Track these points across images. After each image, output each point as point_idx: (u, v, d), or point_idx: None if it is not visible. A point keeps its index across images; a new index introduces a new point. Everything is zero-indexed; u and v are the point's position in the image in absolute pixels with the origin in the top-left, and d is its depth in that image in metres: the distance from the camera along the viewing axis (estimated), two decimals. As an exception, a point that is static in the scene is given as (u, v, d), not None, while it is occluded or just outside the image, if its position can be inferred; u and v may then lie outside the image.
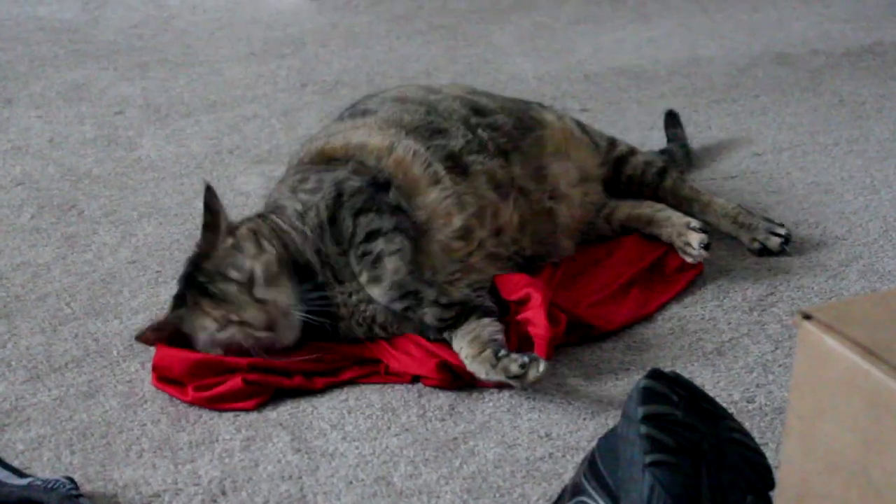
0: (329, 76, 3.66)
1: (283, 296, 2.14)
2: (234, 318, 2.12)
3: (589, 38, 3.99)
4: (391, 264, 2.14)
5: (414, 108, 2.48)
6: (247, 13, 4.30)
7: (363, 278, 2.16)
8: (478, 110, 2.51)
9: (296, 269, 2.19)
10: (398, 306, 2.14)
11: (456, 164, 2.34)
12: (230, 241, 2.20)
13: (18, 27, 4.14)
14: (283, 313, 2.13)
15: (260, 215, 2.30)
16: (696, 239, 2.42)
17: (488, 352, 2.07)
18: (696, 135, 3.15)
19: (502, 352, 2.06)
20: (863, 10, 4.21)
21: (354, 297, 2.19)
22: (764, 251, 2.51)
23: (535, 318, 2.12)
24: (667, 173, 2.66)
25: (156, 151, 3.11)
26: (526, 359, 2.03)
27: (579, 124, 2.68)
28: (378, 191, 2.23)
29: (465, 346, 2.10)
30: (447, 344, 2.14)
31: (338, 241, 2.19)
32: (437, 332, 2.15)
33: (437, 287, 2.15)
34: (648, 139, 3.10)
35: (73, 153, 3.10)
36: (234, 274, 2.14)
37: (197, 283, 2.16)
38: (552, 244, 2.46)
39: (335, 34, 4.07)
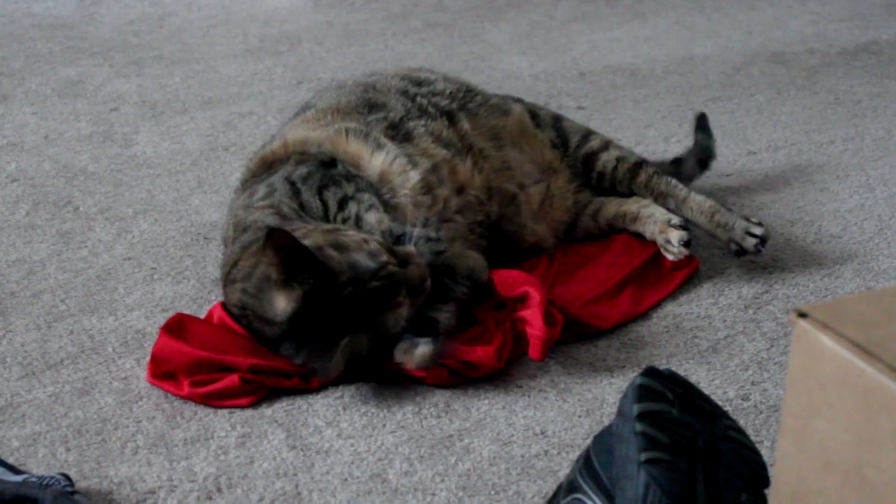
0: (325, 73, 3.66)
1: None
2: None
3: (584, 36, 3.99)
4: (372, 217, 2.17)
5: (350, 89, 2.52)
6: (243, 10, 4.29)
7: None
8: (417, 82, 2.56)
9: None
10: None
11: (398, 133, 2.39)
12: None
13: (13, 24, 4.13)
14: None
15: (237, 244, 2.22)
16: (675, 236, 2.40)
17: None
18: (691, 133, 3.14)
19: (407, 334, 2.08)
20: (858, 9, 4.22)
21: None
22: (741, 253, 2.46)
23: (532, 319, 2.12)
24: (640, 169, 2.59)
25: (151, 148, 3.11)
26: (410, 344, 2.06)
27: (556, 119, 2.66)
28: (326, 168, 2.27)
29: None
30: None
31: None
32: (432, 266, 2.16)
33: (421, 228, 2.18)
34: (644, 137, 3.10)
35: (68, 150, 3.09)
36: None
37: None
38: (520, 225, 2.46)
39: (331, 32, 4.07)
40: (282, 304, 2.05)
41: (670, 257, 2.42)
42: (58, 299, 2.40)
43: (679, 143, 3.09)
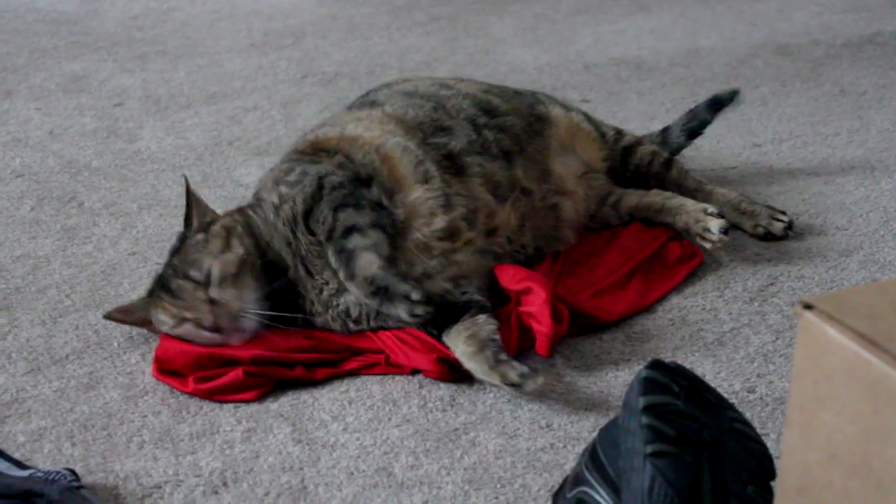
0: (329, 67, 3.66)
1: (238, 298, 2.15)
2: (187, 315, 2.15)
3: (589, 28, 3.99)
4: (363, 259, 2.12)
5: (421, 102, 2.46)
6: (247, 4, 4.29)
7: (341, 275, 2.15)
8: (488, 110, 2.49)
9: (267, 265, 2.20)
10: (371, 302, 2.12)
11: (452, 164, 2.33)
12: (200, 236, 2.22)
13: (18, 19, 4.13)
14: (232, 316, 2.14)
15: (241, 209, 2.31)
16: (716, 225, 2.42)
17: (488, 352, 2.05)
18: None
19: (503, 356, 2.05)
20: (863, 1, 4.21)
21: (326, 292, 2.19)
22: (768, 236, 2.53)
23: (540, 315, 2.12)
24: (672, 164, 2.68)
25: (155, 143, 3.11)
26: (526, 369, 2.02)
27: (587, 116, 2.68)
28: (359, 186, 2.22)
29: (462, 343, 2.09)
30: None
31: (313, 234, 2.19)
32: (418, 327, 2.15)
33: (410, 283, 2.11)
34: (649, 130, 3.09)
35: (72, 145, 3.09)
36: (192, 272, 2.17)
37: (162, 276, 2.21)
38: (554, 237, 2.46)
39: (335, 25, 4.06)
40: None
41: (708, 246, 2.43)
42: (63, 294, 2.40)
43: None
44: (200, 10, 4.24)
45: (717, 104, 2.88)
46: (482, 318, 2.13)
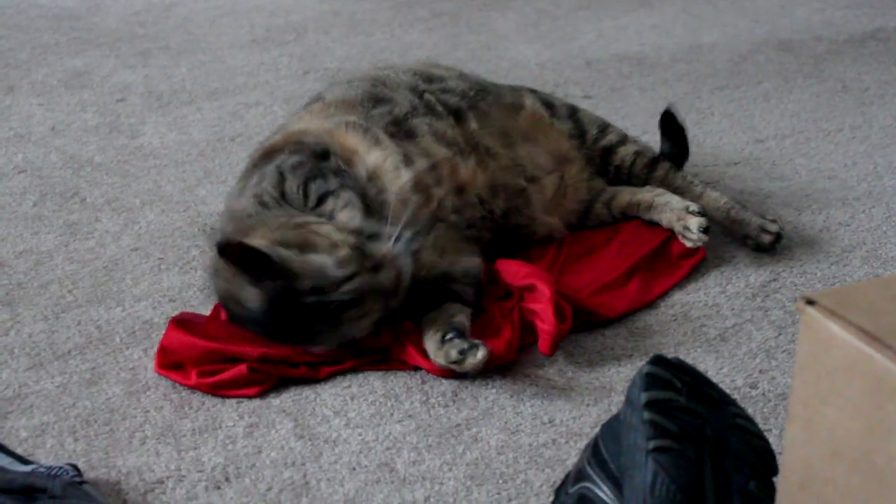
0: (331, 63, 3.66)
1: None
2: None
3: (591, 24, 3.99)
4: (344, 216, 2.16)
5: (358, 84, 2.51)
6: (249, 0, 4.29)
7: None
8: (429, 78, 2.54)
9: None
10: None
11: (399, 129, 2.37)
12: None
13: (20, 15, 4.13)
14: None
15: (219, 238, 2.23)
16: (695, 223, 2.41)
17: (438, 334, 2.09)
18: (699, 121, 3.15)
19: (449, 335, 2.08)
20: (866, -4, 4.21)
21: None
22: (757, 248, 2.48)
23: (544, 314, 2.12)
24: (657, 164, 2.63)
25: (158, 139, 3.11)
26: (465, 345, 2.05)
27: (571, 112, 2.66)
28: (318, 160, 2.26)
29: (426, 330, 2.13)
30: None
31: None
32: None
33: (394, 225, 2.15)
34: (651, 126, 3.09)
35: (74, 141, 3.09)
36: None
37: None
38: (530, 218, 2.46)
39: (337, 21, 4.06)
40: (252, 297, 2.07)
41: (689, 244, 2.42)
42: (65, 290, 2.40)
43: (686, 131, 3.08)
44: (203, 6, 4.24)
45: (668, 121, 2.77)
46: (448, 304, 2.17)
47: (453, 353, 2.05)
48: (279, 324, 2.08)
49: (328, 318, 2.06)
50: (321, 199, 2.19)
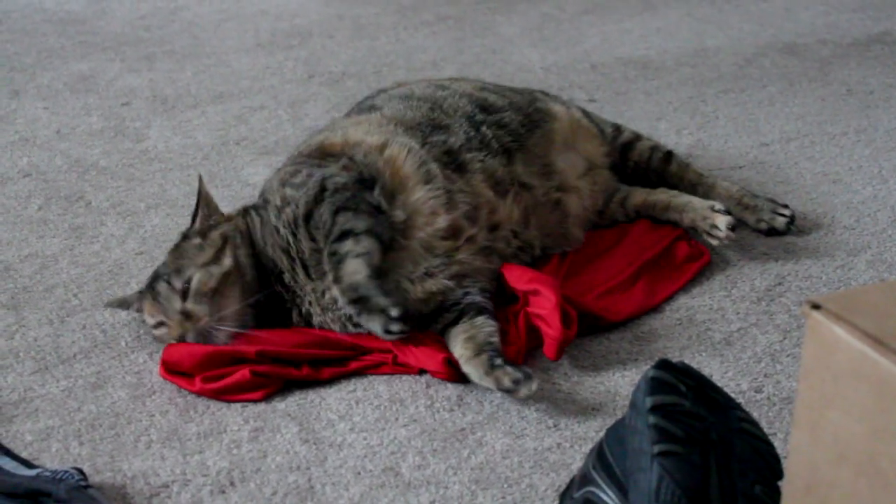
0: (336, 67, 3.66)
1: (211, 313, 2.15)
2: (163, 319, 2.17)
3: (596, 28, 3.99)
4: (351, 266, 2.13)
5: (417, 104, 2.48)
6: (254, 4, 4.29)
7: (329, 277, 2.15)
8: (485, 108, 2.50)
9: (260, 272, 2.23)
10: (350, 310, 2.12)
11: (452, 161, 2.34)
12: (196, 241, 2.23)
13: (25, 19, 4.14)
14: (200, 330, 2.15)
15: (246, 210, 2.32)
16: (723, 221, 2.42)
17: (484, 356, 2.06)
18: (704, 125, 3.15)
19: (498, 360, 2.05)
20: (871, 0, 4.20)
21: (328, 295, 2.18)
22: (771, 231, 2.53)
23: (550, 319, 2.12)
24: (672, 158, 2.69)
25: (163, 143, 3.11)
26: (520, 375, 2.02)
27: (585, 113, 2.68)
28: (362, 188, 2.22)
29: (460, 346, 2.10)
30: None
31: (313, 238, 2.19)
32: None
33: (392, 299, 2.10)
34: (656, 129, 3.09)
35: (80, 144, 3.10)
36: (175, 280, 2.18)
37: (155, 273, 2.23)
38: (561, 235, 2.46)
39: (342, 25, 4.07)
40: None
41: (715, 242, 2.44)
42: (70, 294, 2.41)
43: (691, 135, 3.09)
44: (208, 10, 4.24)
45: None
46: (480, 319, 2.14)
47: (507, 382, 2.02)
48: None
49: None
50: (342, 236, 2.16)
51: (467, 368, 2.07)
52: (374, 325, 2.09)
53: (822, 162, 2.93)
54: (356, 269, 2.12)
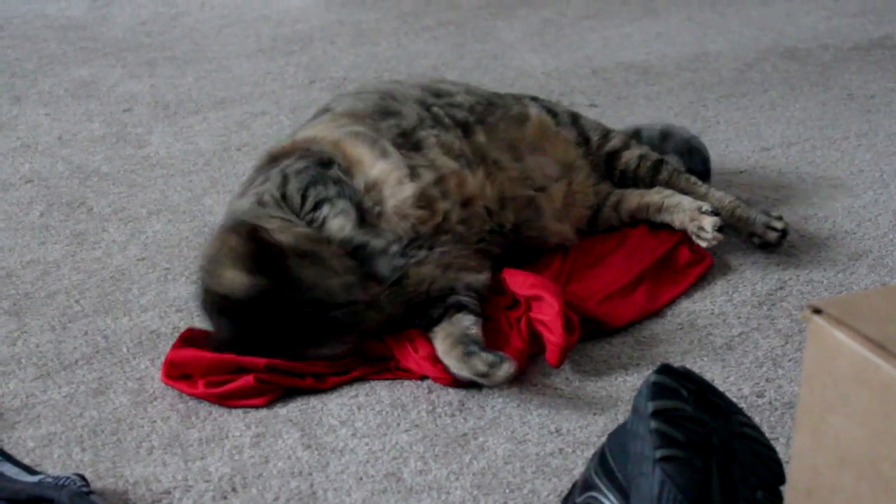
0: (337, 73, 3.66)
1: None
2: None
3: (597, 33, 3.99)
4: (335, 224, 2.17)
5: (367, 96, 2.53)
6: (255, 10, 4.30)
7: None
8: (437, 93, 2.55)
9: None
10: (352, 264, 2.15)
11: (407, 141, 2.38)
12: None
13: (26, 25, 4.14)
14: None
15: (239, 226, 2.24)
16: (709, 222, 2.41)
17: (459, 347, 2.09)
18: (705, 130, 3.14)
19: (472, 348, 2.07)
20: (871, 4, 4.20)
21: None
22: (764, 245, 2.49)
23: (553, 325, 2.12)
24: (662, 166, 2.64)
25: (164, 148, 3.11)
26: (495, 358, 2.04)
27: (573, 119, 2.67)
28: (322, 168, 2.28)
29: (439, 342, 2.13)
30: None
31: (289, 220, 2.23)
32: (391, 275, 2.16)
33: (384, 237, 2.17)
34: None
35: (81, 150, 3.10)
36: None
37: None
38: (541, 228, 2.46)
39: (343, 31, 4.07)
40: (235, 278, 2.07)
41: (703, 244, 2.42)
42: (72, 300, 2.41)
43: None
44: (209, 16, 4.25)
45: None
46: (459, 315, 2.17)
47: (481, 366, 2.04)
48: (256, 321, 2.08)
49: (314, 330, 2.08)
50: (316, 205, 2.21)
51: (446, 361, 2.09)
52: (381, 267, 2.14)
53: (823, 166, 2.93)
54: (341, 226, 2.17)
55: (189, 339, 2.19)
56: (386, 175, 2.28)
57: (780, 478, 1.58)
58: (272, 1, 4.38)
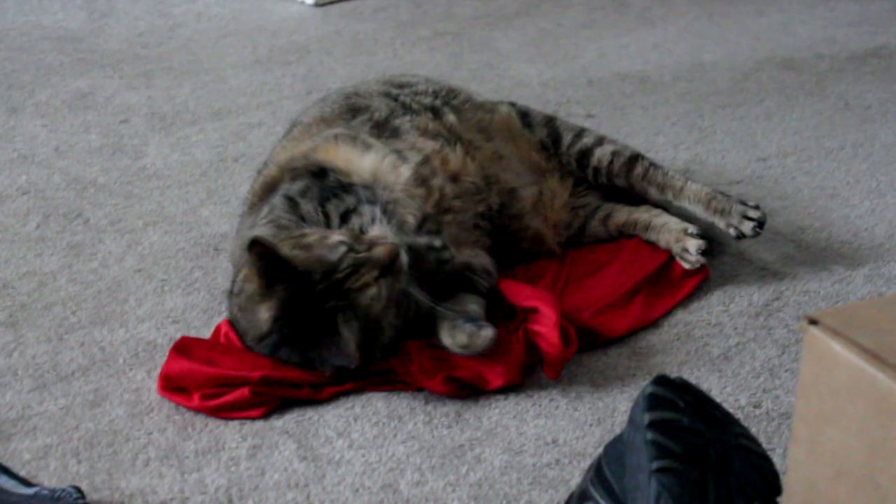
0: (334, 83, 3.66)
1: None
2: None
3: (593, 43, 3.99)
4: (376, 231, 2.18)
5: (333, 99, 2.59)
6: (252, 21, 4.30)
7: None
8: (399, 85, 2.62)
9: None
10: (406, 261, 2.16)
11: (383, 130, 2.43)
12: None
13: (23, 36, 4.14)
14: None
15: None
16: (693, 245, 2.41)
17: (446, 324, 2.14)
18: (701, 140, 3.15)
19: (458, 322, 2.13)
20: (867, 14, 4.21)
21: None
22: (741, 236, 2.46)
23: (550, 337, 2.12)
24: (636, 162, 2.61)
25: (161, 160, 3.11)
26: (473, 327, 2.11)
27: (547, 122, 2.67)
28: (321, 180, 2.29)
29: (440, 322, 2.17)
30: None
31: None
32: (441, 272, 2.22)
33: (428, 236, 2.22)
34: (653, 144, 3.10)
35: (78, 162, 3.10)
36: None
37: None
38: (520, 216, 2.48)
39: (340, 41, 4.07)
40: (264, 314, 2.09)
41: (687, 266, 2.42)
42: (69, 311, 2.40)
43: (688, 149, 3.09)
44: (205, 27, 4.25)
45: None
46: (462, 294, 2.22)
47: (462, 338, 2.11)
48: (294, 326, 2.08)
49: (338, 300, 2.06)
50: (344, 217, 2.21)
51: (440, 336, 2.15)
52: (431, 261, 2.19)
53: (819, 176, 2.94)
54: (383, 234, 2.18)
55: (182, 347, 2.18)
56: (379, 164, 2.31)
57: (777, 489, 1.58)
58: (269, 12, 4.38)
